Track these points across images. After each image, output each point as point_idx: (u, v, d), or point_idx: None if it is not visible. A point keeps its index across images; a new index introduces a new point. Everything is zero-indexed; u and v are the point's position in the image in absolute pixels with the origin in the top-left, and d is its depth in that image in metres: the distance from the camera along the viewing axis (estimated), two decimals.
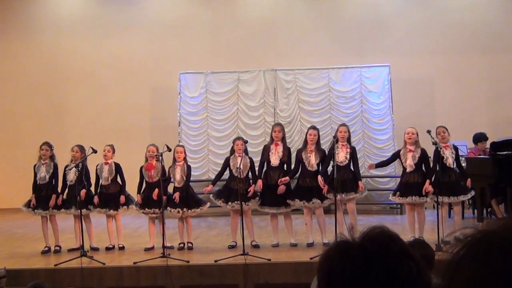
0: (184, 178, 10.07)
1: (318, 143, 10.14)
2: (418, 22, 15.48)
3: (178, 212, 9.94)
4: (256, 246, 9.94)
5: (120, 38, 16.02)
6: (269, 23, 15.74)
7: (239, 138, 10.44)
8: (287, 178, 9.99)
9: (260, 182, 10.07)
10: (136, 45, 15.93)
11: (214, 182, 10.39)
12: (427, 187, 9.61)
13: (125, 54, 15.93)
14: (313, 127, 10.36)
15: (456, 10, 15.47)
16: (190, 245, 10.09)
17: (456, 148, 10.10)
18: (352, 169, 10.04)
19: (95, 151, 10.01)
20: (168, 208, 9.92)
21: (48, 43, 16.24)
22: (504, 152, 11.25)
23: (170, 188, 10.33)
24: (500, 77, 15.34)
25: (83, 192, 10.01)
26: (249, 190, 9.93)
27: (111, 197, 10.31)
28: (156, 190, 9.78)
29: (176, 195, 9.91)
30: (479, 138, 12.19)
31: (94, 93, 16.04)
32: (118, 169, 10.40)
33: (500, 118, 14.98)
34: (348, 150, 10.01)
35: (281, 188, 9.95)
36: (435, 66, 15.37)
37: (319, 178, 9.82)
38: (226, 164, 10.19)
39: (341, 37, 15.53)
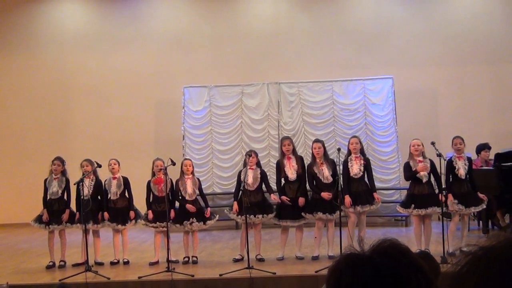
0: (196, 191, 10.10)
1: (325, 154, 10.13)
2: (421, 33, 15.51)
3: (191, 224, 9.92)
4: (261, 260, 9.91)
5: (124, 52, 16.08)
6: (272, 36, 15.79)
7: (253, 151, 10.39)
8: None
9: (284, 198, 10.03)
10: (140, 60, 15.98)
11: (236, 199, 10.22)
12: (447, 199, 9.64)
13: (129, 69, 15.97)
14: (317, 140, 10.34)
15: (459, 21, 15.50)
16: (194, 259, 10.07)
17: (470, 160, 10.07)
18: (367, 181, 10.03)
19: (99, 166, 10.02)
20: (191, 220, 9.91)
21: (52, 58, 16.31)
22: (509, 163, 11.23)
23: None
24: (504, 88, 15.34)
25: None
26: (274, 199, 10.05)
27: (119, 211, 10.29)
28: (189, 206, 9.93)
29: (189, 207, 9.92)
30: (483, 147, 12.16)
31: (98, 108, 16.08)
32: (126, 183, 10.38)
33: (504, 129, 14.96)
34: (362, 162, 9.98)
35: (301, 200, 9.94)
36: (438, 77, 15.39)
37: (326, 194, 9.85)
38: (239, 178, 10.17)
39: (344, 50, 15.56)
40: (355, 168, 9.89)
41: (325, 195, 9.80)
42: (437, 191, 9.91)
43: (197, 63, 15.80)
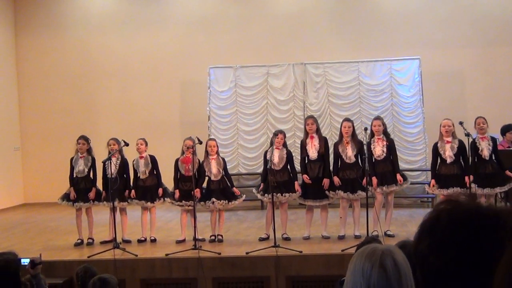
0: (221, 171, 10.14)
1: (354, 134, 10.12)
2: (448, 14, 15.31)
3: (221, 204, 9.97)
4: (287, 239, 9.94)
5: (150, 33, 16.09)
6: (297, 16, 15.69)
7: (281, 131, 10.40)
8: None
9: (305, 176, 10.07)
10: (165, 41, 15.99)
11: (263, 180, 10.28)
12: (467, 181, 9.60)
13: (155, 50, 15.99)
14: (347, 119, 10.33)
15: (486, 2, 15.28)
16: (220, 237, 10.11)
17: (494, 140, 10.01)
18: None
19: (127, 144, 10.10)
20: (212, 199, 9.94)
21: (78, 39, 16.37)
22: None
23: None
24: None
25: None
26: (296, 189, 10.01)
27: (148, 190, 10.38)
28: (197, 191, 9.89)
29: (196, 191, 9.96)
30: (507, 128, 12.04)
31: (124, 89, 16.14)
32: (153, 161, 10.47)
33: None
34: (385, 143, 9.99)
35: (326, 182, 9.96)
36: (465, 58, 15.21)
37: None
38: (265, 158, 10.20)
39: (370, 30, 15.42)
40: (378, 150, 9.94)
41: (335, 180, 9.95)
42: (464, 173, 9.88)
43: (223, 43, 15.76)
